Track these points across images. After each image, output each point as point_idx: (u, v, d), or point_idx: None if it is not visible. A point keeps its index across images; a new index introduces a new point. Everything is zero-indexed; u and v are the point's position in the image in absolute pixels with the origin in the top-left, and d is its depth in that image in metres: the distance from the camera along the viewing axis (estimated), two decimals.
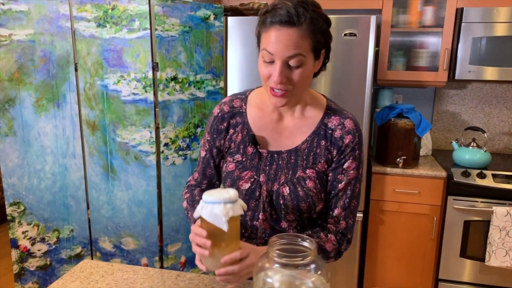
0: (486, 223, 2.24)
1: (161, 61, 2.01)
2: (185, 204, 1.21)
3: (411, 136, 2.33)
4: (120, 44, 1.99)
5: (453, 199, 2.27)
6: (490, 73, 2.35)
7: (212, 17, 2.14)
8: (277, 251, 0.78)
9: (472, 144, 2.41)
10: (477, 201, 2.25)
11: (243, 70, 2.25)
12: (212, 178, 1.21)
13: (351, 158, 1.08)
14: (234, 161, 1.13)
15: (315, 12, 0.97)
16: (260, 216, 1.10)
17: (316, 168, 1.08)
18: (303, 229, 1.12)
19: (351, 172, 1.09)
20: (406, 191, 2.34)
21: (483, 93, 2.73)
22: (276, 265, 0.79)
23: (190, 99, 2.13)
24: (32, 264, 2.25)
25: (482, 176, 2.25)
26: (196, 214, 0.93)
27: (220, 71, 2.22)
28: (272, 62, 0.98)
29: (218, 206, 0.89)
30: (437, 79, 2.45)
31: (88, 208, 2.20)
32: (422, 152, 2.60)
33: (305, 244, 0.81)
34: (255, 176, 1.09)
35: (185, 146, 2.16)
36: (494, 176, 2.25)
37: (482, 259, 2.28)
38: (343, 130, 1.08)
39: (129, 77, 2.01)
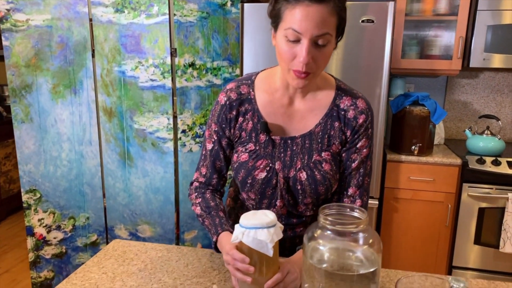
0: (501, 210, 2.25)
1: (179, 47, 2.01)
2: (198, 210, 1.13)
3: (426, 124, 2.34)
4: (138, 30, 1.98)
5: (468, 186, 2.28)
6: (503, 61, 2.35)
7: (229, 3, 2.13)
8: (330, 219, 0.78)
9: (486, 132, 2.42)
10: (492, 188, 2.25)
11: (259, 58, 2.24)
12: (222, 171, 1.16)
13: (364, 137, 1.08)
14: (247, 150, 1.09)
15: None
16: (278, 203, 1.10)
17: (331, 150, 1.08)
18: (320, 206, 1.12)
19: (364, 150, 1.09)
20: (421, 179, 2.35)
21: (495, 82, 2.73)
22: (328, 232, 0.79)
23: (207, 86, 2.12)
24: (48, 252, 2.24)
25: (497, 163, 2.26)
26: (235, 240, 0.89)
27: (236, 58, 2.21)
28: (297, 41, 0.93)
29: (261, 231, 0.86)
30: (451, 68, 2.46)
31: (104, 195, 2.20)
32: (435, 141, 2.60)
33: (356, 213, 0.82)
34: (270, 165, 1.08)
35: (202, 133, 2.15)
36: (509, 163, 2.26)
37: (496, 246, 2.29)
38: (356, 110, 1.07)
39: (147, 63, 2.00)
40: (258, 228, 0.86)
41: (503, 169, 2.24)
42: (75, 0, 1.99)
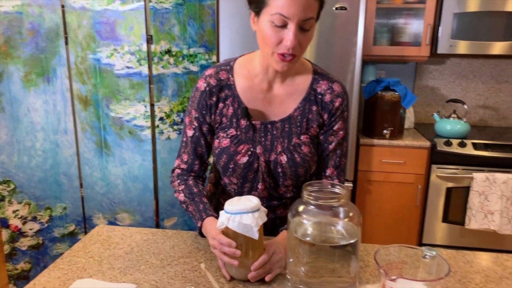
0: (466, 189, 2.37)
1: (155, 34, 2.00)
2: (182, 197, 1.14)
3: (397, 108, 2.43)
4: (113, 16, 1.95)
5: (436, 168, 2.40)
6: (468, 47, 2.47)
7: None
8: (313, 194, 0.82)
9: (452, 115, 2.53)
10: (458, 169, 2.38)
11: (235, 44, 2.26)
12: (203, 157, 1.18)
13: (340, 120, 1.13)
14: (228, 136, 1.11)
15: None
16: (259, 186, 1.13)
17: (310, 133, 1.12)
18: (299, 191, 1.16)
19: (341, 133, 1.14)
20: (392, 161, 2.44)
21: (461, 68, 2.86)
22: (311, 207, 0.83)
23: (183, 73, 2.13)
24: (24, 243, 2.21)
25: (463, 145, 2.38)
26: (221, 226, 0.92)
27: (212, 45, 2.22)
28: (283, 26, 0.96)
29: (246, 216, 0.89)
30: (420, 54, 2.55)
31: (81, 185, 2.18)
32: (405, 125, 2.70)
33: (337, 190, 0.86)
34: (251, 149, 1.11)
35: (179, 120, 2.16)
36: (474, 145, 2.39)
37: (462, 223, 2.42)
38: (333, 94, 1.11)
39: (123, 50, 1.99)
40: (243, 213, 0.90)
41: (469, 150, 2.37)
42: None
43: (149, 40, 1.99)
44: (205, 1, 2.14)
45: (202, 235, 1.10)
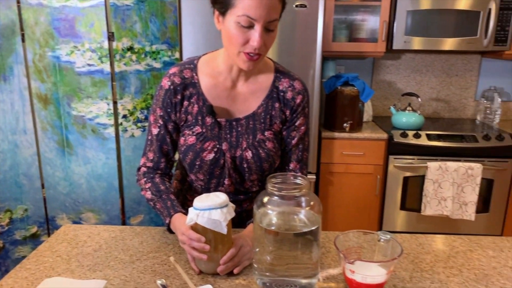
0: (422, 178, 2.51)
1: (117, 31, 1.98)
2: (149, 195, 1.15)
3: (356, 102, 2.53)
4: (72, 13, 1.92)
5: (394, 158, 2.52)
6: (421, 43, 2.60)
7: None
8: (277, 186, 0.87)
9: (408, 108, 2.67)
10: (414, 159, 2.51)
11: (198, 41, 2.27)
12: (169, 155, 1.19)
13: (302, 116, 1.18)
14: (194, 133, 1.13)
15: None
16: (226, 182, 1.17)
17: (273, 129, 1.16)
18: (264, 185, 1.21)
19: (302, 128, 1.19)
20: (352, 153, 2.54)
21: (415, 63, 3.00)
22: (275, 198, 0.88)
23: (146, 69, 2.12)
24: None
25: (417, 136, 2.51)
26: (190, 222, 0.94)
27: (175, 42, 2.22)
28: (250, 27, 0.99)
29: (215, 212, 0.92)
30: (376, 50, 2.66)
31: (43, 185, 2.13)
32: (364, 119, 2.82)
33: (299, 181, 0.92)
34: (217, 146, 1.13)
35: (143, 118, 2.16)
36: (428, 136, 2.53)
37: (418, 210, 2.57)
38: (294, 91, 1.16)
39: (83, 47, 1.96)
40: (212, 209, 0.92)
41: (423, 141, 2.50)
42: None
43: (111, 37, 1.97)
44: None
45: (170, 231, 1.12)
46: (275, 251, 0.89)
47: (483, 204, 2.57)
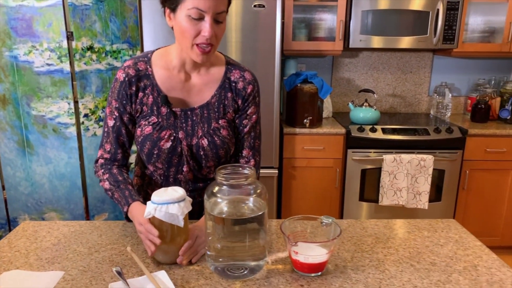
0: (378, 170, 2.64)
1: (76, 31, 1.99)
2: (107, 185, 1.18)
3: (315, 99, 2.63)
4: (29, 13, 1.92)
5: (352, 152, 2.64)
6: (377, 42, 2.73)
7: None
8: (226, 176, 0.94)
9: (364, 104, 2.79)
10: (370, 152, 2.64)
11: (159, 39, 2.30)
12: (125, 145, 1.22)
13: (253, 105, 1.26)
14: (150, 123, 1.17)
15: None
16: (184, 169, 1.22)
17: (227, 118, 1.23)
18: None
19: (254, 116, 1.27)
20: (313, 148, 2.64)
21: (372, 61, 3.14)
22: (224, 187, 0.94)
23: (107, 69, 2.14)
24: None
25: (373, 130, 2.64)
26: (148, 215, 0.98)
27: (136, 41, 2.25)
28: (200, 19, 1.05)
29: (172, 206, 0.97)
30: (334, 48, 2.77)
31: (3, 187, 2.12)
32: (324, 115, 2.93)
33: (246, 171, 0.98)
34: (174, 134, 1.18)
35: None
36: (383, 130, 2.66)
37: (376, 200, 2.70)
38: (245, 81, 1.24)
39: (42, 47, 1.96)
40: (169, 203, 0.97)
41: (379, 135, 2.63)
42: None
43: (70, 37, 1.98)
44: None
45: (128, 219, 1.16)
46: (226, 237, 0.96)
47: (436, 194, 2.72)
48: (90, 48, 2.05)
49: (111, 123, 1.20)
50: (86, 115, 2.09)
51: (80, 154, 2.12)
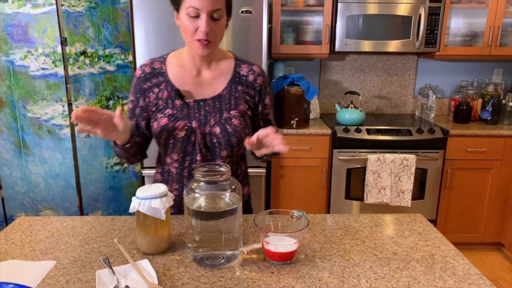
0: (363, 169, 2.74)
1: (70, 36, 2.08)
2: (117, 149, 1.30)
3: (302, 101, 2.73)
4: (25, 19, 2.01)
5: (337, 152, 2.73)
6: (363, 45, 2.83)
7: None
8: (202, 173, 1.03)
9: (350, 105, 2.89)
10: (355, 152, 2.74)
11: (151, 44, 2.40)
12: (132, 136, 1.30)
13: (267, 94, 1.39)
14: (166, 115, 1.28)
15: None
16: (198, 158, 1.32)
17: (238, 109, 1.33)
18: (234, 165, 1.38)
19: (270, 104, 1.41)
20: (300, 148, 2.74)
21: (359, 64, 3.24)
22: (202, 183, 1.04)
23: (100, 72, 2.23)
24: None
25: (358, 131, 2.74)
26: (133, 209, 1.08)
27: (128, 46, 2.34)
28: (197, 16, 1.18)
29: (155, 201, 1.06)
30: (321, 52, 2.87)
31: (0, 186, 2.20)
32: (312, 116, 3.02)
33: (222, 169, 1.08)
34: (188, 124, 1.28)
35: None
36: (367, 130, 2.76)
37: (362, 198, 2.80)
38: (254, 74, 1.35)
39: (37, 52, 2.05)
40: (152, 198, 1.07)
41: (363, 135, 2.73)
42: None
43: (64, 42, 2.07)
44: (118, 4, 2.26)
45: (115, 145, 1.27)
46: (204, 230, 1.05)
47: (419, 192, 2.83)
48: (83, 53, 2.14)
49: (128, 114, 1.35)
50: None
51: (74, 155, 2.21)
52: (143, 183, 2.58)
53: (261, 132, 1.16)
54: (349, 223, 1.33)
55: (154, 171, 1.47)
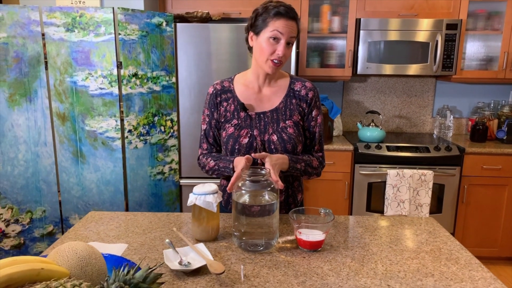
0: (383, 183, 2.94)
1: (124, 60, 2.40)
2: (211, 163, 1.53)
3: (326, 119, 2.96)
4: (88, 46, 2.34)
5: (359, 166, 2.94)
6: (384, 69, 3.06)
7: (164, 24, 2.56)
8: (248, 173, 1.28)
9: (371, 124, 3.11)
10: (376, 167, 2.94)
11: (191, 67, 2.70)
12: (216, 144, 1.58)
13: (316, 108, 1.58)
14: (233, 125, 1.52)
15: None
16: (258, 162, 1.54)
17: (293, 119, 1.56)
18: (286, 171, 1.57)
19: (318, 117, 1.61)
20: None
21: (379, 85, 3.46)
22: (247, 181, 1.28)
23: (148, 92, 2.54)
24: (7, 244, 2.49)
25: (379, 147, 2.94)
26: (191, 203, 1.33)
27: (172, 69, 2.65)
28: (277, 40, 1.40)
29: (209, 196, 1.32)
30: (344, 74, 3.11)
31: (59, 190, 2.51)
32: (335, 133, 3.25)
33: (263, 171, 1.32)
34: (250, 132, 1.51)
35: (145, 132, 2.56)
36: (388, 147, 2.96)
37: (382, 211, 2.98)
38: (306, 89, 1.58)
39: (96, 74, 2.37)
40: (206, 194, 1.33)
41: (384, 151, 2.94)
42: (29, 21, 2.29)
43: (119, 66, 2.38)
44: (165, 32, 2.58)
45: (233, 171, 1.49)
46: (248, 221, 1.29)
47: (437, 206, 2.99)
48: (135, 75, 2.45)
49: (204, 127, 1.61)
50: (130, 131, 2.48)
51: (124, 164, 2.50)
52: (180, 192, 2.85)
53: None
54: (369, 223, 1.54)
55: (193, 180, 1.71)
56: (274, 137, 1.53)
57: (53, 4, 2.63)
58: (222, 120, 1.58)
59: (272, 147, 1.53)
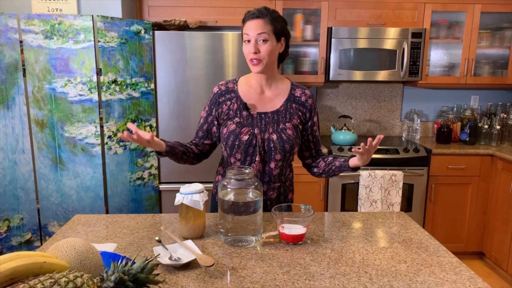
0: (357, 184, 3.07)
1: (104, 67, 2.43)
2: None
3: None
4: (67, 53, 2.36)
5: None
6: (354, 75, 3.21)
7: (142, 31, 2.61)
8: (233, 171, 1.35)
9: (344, 128, 3.24)
10: None
11: (170, 74, 2.75)
12: (202, 138, 1.68)
13: (316, 114, 1.70)
14: (234, 122, 1.60)
15: (274, 12, 1.57)
16: (257, 158, 1.63)
17: (292, 122, 1.65)
18: (284, 169, 1.69)
19: (317, 122, 1.73)
20: (300, 165, 3.06)
21: (351, 91, 3.62)
22: (232, 180, 1.36)
23: (127, 98, 2.57)
24: None
25: (351, 150, 3.08)
26: (178, 202, 1.40)
27: (150, 75, 2.69)
28: (249, 41, 1.52)
29: (196, 195, 1.39)
30: (317, 80, 3.24)
31: (37, 197, 2.49)
32: None
33: (247, 170, 1.40)
34: (251, 130, 1.59)
35: None
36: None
37: (355, 211, 3.11)
38: (306, 96, 1.68)
39: (76, 81, 2.39)
40: (193, 193, 1.39)
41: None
42: (6, 28, 2.29)
43: (99, 72, 2.41)
44: (144, 40, 2.62)
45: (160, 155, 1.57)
46: (233, 218, 1.36)
47: (407, 205, 3.15)
48: (114, 81, 2.48)
49: (201, 120, 1.70)
50: (109, 137, 2.50)
51: (103, 170, 2.51)
52: (160, 197, 2.88)
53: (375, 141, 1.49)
54: (346, 218, 1.64)
55: (173, 185, 1.78)
56: (274, 136, 1.62)
57: (29, 11, 2.63)
58: (225, 118, 1.65)
59: (271, 146, 1.62)
